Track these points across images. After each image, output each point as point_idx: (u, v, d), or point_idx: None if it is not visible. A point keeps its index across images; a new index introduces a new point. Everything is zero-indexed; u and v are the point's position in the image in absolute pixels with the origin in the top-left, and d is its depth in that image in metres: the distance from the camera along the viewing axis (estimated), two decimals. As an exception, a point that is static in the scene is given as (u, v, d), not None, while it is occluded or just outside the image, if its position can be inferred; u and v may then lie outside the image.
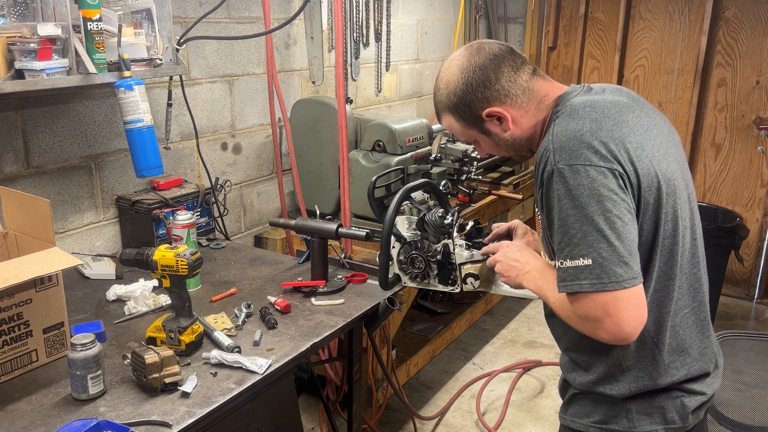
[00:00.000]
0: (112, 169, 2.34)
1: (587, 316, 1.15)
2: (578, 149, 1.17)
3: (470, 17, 4.40)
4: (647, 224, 1.22)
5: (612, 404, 1.31)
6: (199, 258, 1.61)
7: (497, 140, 1.37)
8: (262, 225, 3.03)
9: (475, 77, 1.31)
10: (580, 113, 1.23)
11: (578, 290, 1.14)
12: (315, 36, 3.06)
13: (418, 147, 2.83)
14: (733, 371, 1.87)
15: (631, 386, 1.29)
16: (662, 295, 1.26)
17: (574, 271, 1.14)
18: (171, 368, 1.45)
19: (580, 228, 1.14)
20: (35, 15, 1.79)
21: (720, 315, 3.91)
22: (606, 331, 1.13)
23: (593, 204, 1.13)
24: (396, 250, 1.60)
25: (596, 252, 1.12)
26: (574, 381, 1.37)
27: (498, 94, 1.32)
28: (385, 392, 2.80)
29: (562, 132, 1.21)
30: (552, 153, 1.19)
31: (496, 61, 1.32)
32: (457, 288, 1.56)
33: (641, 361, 1.28)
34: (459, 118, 1.37)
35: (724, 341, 1.88)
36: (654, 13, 4.30)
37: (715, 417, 1.81)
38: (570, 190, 1.15)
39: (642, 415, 1.30)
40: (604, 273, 1.11)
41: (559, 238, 1.17)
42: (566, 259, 1.15)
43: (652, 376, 1.28)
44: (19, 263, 1.49)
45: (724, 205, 4.13)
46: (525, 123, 1.34)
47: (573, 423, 1.38)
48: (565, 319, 1.24)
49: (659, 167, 1.23)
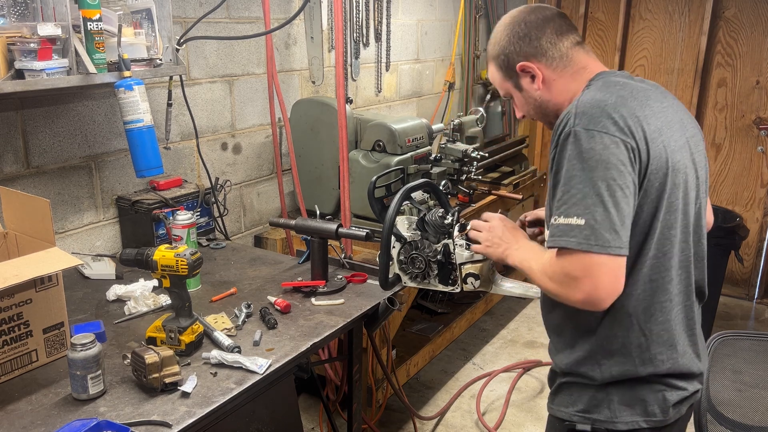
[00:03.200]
0: (112, 169, 2.34)
1: (567, 274, 1.18)
2: (598, 116, 1.20)
3: (470, 17, 4.40)
4: (648, 206, 1.24)
5: (594, 393, 1.33)
6: (199, 258, 1.61)
7: (527, 98, 1.41)
8: (262, 225, 3.03)
9: (518, 30, 1.36)
10: (610, 88, 1.28)
11: (565, 246, 1.17)
12: (315, 36, 3.06)
13: (418, 147, 2.83)
14: (733, 371, 1.87)
15: (613, 370, 1.30)
16: (657, 286, 1.28)
17: (565, 228, 1.17)
18: (171, 368, 1.45)
19: (582, 189, 1.17)
20: (35, 15, 1.79)
21: (720, 315, 3.91)
22: (582, 291, 1.16)
23: (600, 169, 1.17)
24: (396, 250, 1.60)
25: (590, 214, 1.15)
26: (559, 363, 1.40)
27: (535, 51, 1.35)
28: (385, 392, 2.80)
29: (588, 100, 1.25)
30: (573, 116, 1.22)
31: (544, 21, 1.36)
32: (458, 288, 1.56)
33: (626, 347, 1.29)
34: (498, 69, 1.43)
35: (724, 341, 1.87)
36: (654, 13, 4.30)
37: (715, 417, 1.81)
38: (581, 152, 1.18)
39: (623, 406, 1.31)
40: (593, 235, 1.15)
41: (559, 196, 1.20)
42: (560, 216, 1.19)
43: (635, 364, 1.29)
44: (19, 263, 1.49)
45: (724, 205, 4.13)
46: (556, 87, 1.37)
47: (558, 412, 1.40)
48: (544, 285, 1.26)
49: (672, 156, 1.26)
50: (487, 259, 1.53)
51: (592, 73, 1.36)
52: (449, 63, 4.35)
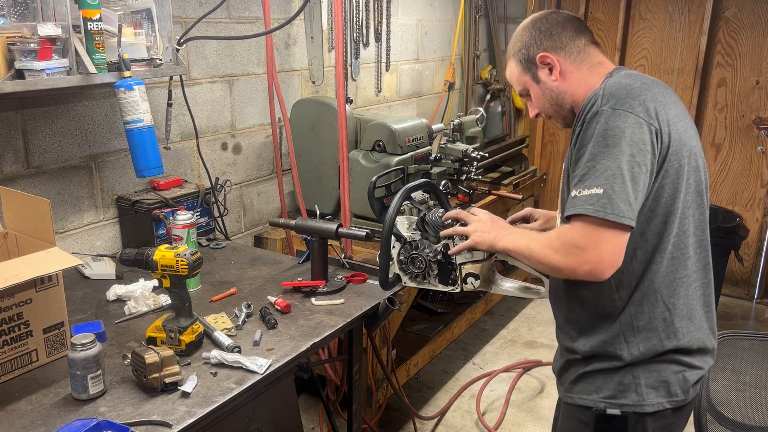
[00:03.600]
0: (112, 169, 2.34)
1: (576, 245, 1.23)
2: (626, 98, 1.29)
3: (470, 17, 4.40)
4: (669, 187, 1.31)
5: (621, 379, 1.38)
6: (199, 258, 1.61)
7: (544, 90, 1.47)
8: (262, 225, 3.03)
9: (540, 26, 1.46)
10: (633, 77, 1.38)
11: (582, 212, 1.22)
12: (315, 36, 3.06)
13: (418, 147, 2.83)
14: (733, 371, 1.87)
15: (641, 346, 1.36)
16: (678, 262, 1.35)
17: (585, 198, 1.23)
18: (171, 368, 1.45)
19: (604, 163, 1.24)
20: (35, 15, 1.79)
21: (720, 315, 3.91)
22: (588, 262, 1.22)
23: (623, 145, 1.24)
24: (396, 250, 1.60)
25: (610, 185, 1.22)
26: (582, 348, 1.42)
27: (555, 45, 1.44)
28: (385, 392, 2.80)
29: (614, 84, 1.34)
30: (601, 98, 1.30)
31: (564, 20, 1.47)
32: (458, 288, 1.56)
33: (652, 322, 1.35)
34: (518, 63, 1.49)
35: (724, 341, 1.87)
36: (654, 13, 4.30)
37: (715, 417, 1.81)
38: (606, 129, 1.26)
39: (650, 389, 1.36)
40: (609, 204, 1.21)
41: (583, 171, 1.26)
42: (583, 189, 1.24)
43: (661, 338, 1.35)
44: (19, 263, 1.49)
45: (724, 205, 4.13)
46: (573, 79, 1.44)
47: (581, 400, 1.43)
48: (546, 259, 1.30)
49: (689, 142, 1.34)
50: (487, 259, 1.53)
51: (608, 69, 1.45)
52: (449, 63, 4.35)
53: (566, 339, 1.47)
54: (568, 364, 1.47)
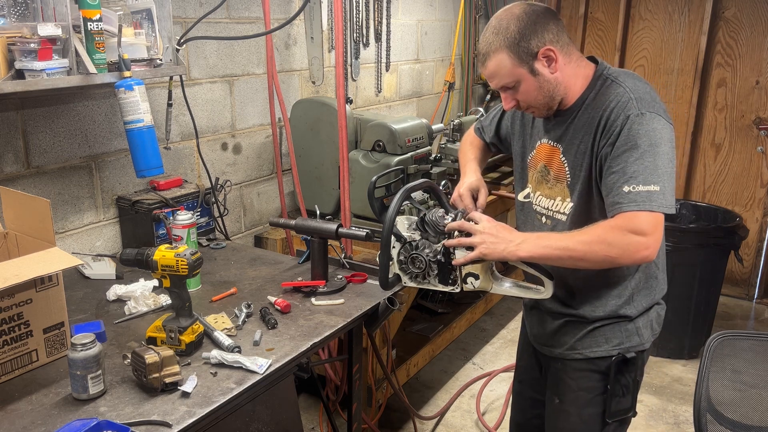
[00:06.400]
0: (112, 169, 2.34)
1: (638, 230, 1.38)
2: (653, 102, 1.46)
3: (470, 17, 4.40)
4: None
5: (626, 327, 1.62)
6: (199, 258, 1.61)
7: (541, 82, 1.50)
8: (262, 225, 3.03)
9: (536, 19, 1.48)
10: (635, 77, 1.53)
11: (649, 209, 1.38)
12: (315, 36, 3.06)
13: (418, 147, 2.83)
14: (733, 371, 1.86)
15: (643, 302, 1.62)
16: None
17: (646, 195, 1.39)
18: (171, 368, 1.45)
19: (654, 161, 1.40)
20: (35, 15, 1.79)
21: (720, 315, 3.91)
22: (647, 248, 1.39)
23: (663, 144, 1.42)
24: (396, 250, 1.60)
25: (662, 182, 1.39)
26: (591, 313, 1.62)
27: (552, 37, 1.48)
28: (385, 392, 2.80)
29: (636, 86, 1.49)
30: (634, 101, 1.45)
31: (549, 14, 1.51)
32: (457, 288, 1.56)
33: (648, 281, 1.62)
34: (512, 55, 1.48)
35: (723, 341, 1.87)
36: (654, 13, 4.30)
37: (714, 417, 1.81)
38: (650, 132, 1.42)
39: (645, 330, 1.64)
40: (665, 199, 1.39)
41: (634, 168, 1.40)
42: (639, 184, 1.39)
43: (655, 292, 1.64)
44: (19, 263, 1.49)
45: (724, 205, 4.13)
46: (567, 70, 1.52)
47: (592, 353, 1.63)
48: (597, 252, 1.41)
49: None
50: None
51: (588, 63, 1.56)
52: (449, 63, 4.36)
53: (579, 304, 1.63)
54: (568, 326, 1.65)
